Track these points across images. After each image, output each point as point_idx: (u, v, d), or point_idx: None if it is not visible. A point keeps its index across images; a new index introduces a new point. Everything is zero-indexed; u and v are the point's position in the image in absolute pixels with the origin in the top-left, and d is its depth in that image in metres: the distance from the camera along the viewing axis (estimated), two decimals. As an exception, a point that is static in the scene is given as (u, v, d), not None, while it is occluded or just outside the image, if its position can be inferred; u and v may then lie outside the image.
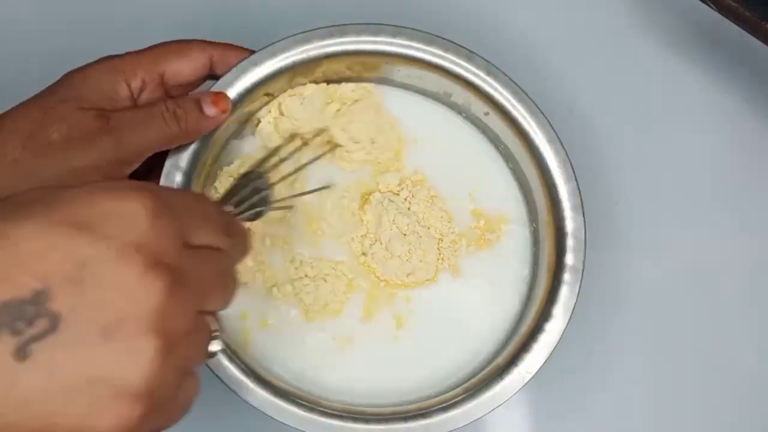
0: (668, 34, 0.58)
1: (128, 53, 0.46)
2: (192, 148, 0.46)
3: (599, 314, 0.54)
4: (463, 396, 0.45)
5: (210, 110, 0.45)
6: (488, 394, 0.45)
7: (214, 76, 0.47)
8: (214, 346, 0.31)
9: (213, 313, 0.31)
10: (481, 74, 0.48)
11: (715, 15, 0.50)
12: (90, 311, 0.26)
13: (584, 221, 0.47)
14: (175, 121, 0.44)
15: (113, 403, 0.26)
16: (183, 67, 0.46)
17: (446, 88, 0.50)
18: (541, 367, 0.45)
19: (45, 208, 0.27)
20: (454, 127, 0.51)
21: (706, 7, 0.51)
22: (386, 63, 0.49)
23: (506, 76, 0.48)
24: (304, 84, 0.50)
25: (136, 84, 0.45)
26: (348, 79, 0.51)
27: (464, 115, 0.51)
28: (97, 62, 0.45)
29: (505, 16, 0.58)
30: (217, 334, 0.31)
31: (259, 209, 0.45)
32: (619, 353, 0.55)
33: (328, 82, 0.50)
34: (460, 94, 0.50)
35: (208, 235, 0.31)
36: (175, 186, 0.46)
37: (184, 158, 0.46)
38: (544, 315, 0.46)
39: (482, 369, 0.47)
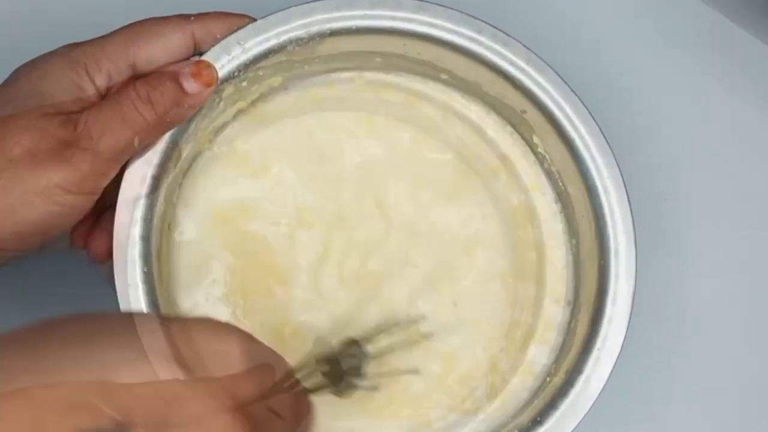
0: (668, 33, 0.58)
1: (89, 42, 0.38)
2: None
3: (650, 332, 0.49)
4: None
5: (191, 86, 0.37)
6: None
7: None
8: None
9: None
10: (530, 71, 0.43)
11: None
12: None
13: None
14: (149, 107, 0.36)
15: None
16: (157, 53, 0.38)
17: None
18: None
19: (139, 338, 0.27)
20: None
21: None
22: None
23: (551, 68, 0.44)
24: None
25: (101, 80, 0.37)
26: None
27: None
28: (52, 54, 0.38)
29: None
30: None
31: (348, 385, 0.41)
32: (671, 379, 0.50)
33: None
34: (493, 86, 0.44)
35: (277, 402, 0.30)
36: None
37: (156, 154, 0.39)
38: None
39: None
